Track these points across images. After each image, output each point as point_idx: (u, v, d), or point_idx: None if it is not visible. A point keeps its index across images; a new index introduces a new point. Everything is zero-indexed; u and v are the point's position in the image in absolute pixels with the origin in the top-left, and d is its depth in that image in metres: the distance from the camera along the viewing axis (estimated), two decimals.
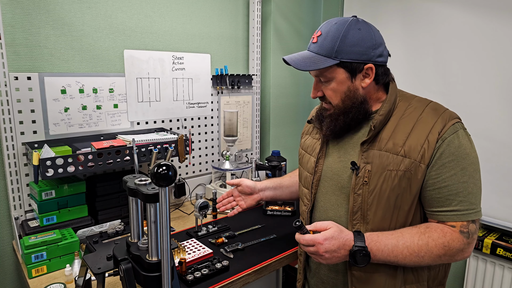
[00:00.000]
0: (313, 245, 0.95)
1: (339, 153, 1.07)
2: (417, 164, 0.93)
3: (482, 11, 1.70)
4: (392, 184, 0.95)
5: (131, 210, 0.87)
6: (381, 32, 1.04)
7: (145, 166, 1.82)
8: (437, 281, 1.05)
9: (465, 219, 0.93)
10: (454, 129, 0.94)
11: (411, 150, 0.94)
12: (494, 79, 1.69)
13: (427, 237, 0.93)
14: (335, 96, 1.02)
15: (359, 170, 0.99)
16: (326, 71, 1.00)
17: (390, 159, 0.96)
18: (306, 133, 1.26)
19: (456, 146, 0.93)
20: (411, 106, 1.01)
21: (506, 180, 1.70)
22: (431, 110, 0.98)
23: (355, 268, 1.01)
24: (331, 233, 0.95)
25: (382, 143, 0.98)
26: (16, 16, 1.41)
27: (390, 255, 0.93)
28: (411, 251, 0.93)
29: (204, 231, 1.51)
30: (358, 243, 0.93)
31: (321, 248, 0.94)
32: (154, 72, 1.52)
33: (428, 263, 0.94)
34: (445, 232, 0.93)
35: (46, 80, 1.47)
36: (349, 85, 1.00)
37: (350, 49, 0.96)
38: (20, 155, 1.43)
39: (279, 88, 2.34)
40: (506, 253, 1.69)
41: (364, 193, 0.98)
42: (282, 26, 2.28)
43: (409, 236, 0.94)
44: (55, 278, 1.22)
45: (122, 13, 1.69)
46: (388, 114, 1.00)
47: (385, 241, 0.94)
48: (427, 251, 0.92)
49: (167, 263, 0.73)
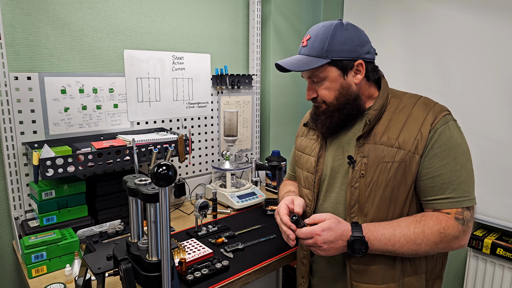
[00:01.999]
0: (311, 237, 0.97)
1: (337, 151, 1.11)
2: (412, 155, 0.97)
3: (481, 11, 1.70)
4: (388, 176, 0.98)
5: (131, 210, 0.87)
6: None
7: (145, 166, 1.82)
8: (435, 274, 1.07)
9: (459, 206, 0.96)
10: (445, 120, 0.98)
11: (405, 142, 0.98)
12: (494, 79, 1.69)
13: (422, 225, 0.95)
14: (329, 94, 1.05)
15: (356, 163, 1.02)
16: (318, 71, 1.04)
17: (385, 151, 0.99)
18: (301, 135, 1.28)
19: (448, 137, 0.97)
20: (402, 102, 1.05)
21: (506, 180, 1.70)
22: (422, 104, 1.03)
23: (353, 260, 1.02)
24: (328, 224, 0.96)
25: (377, 137, 1.02)
26: (16, 16, 1.41)
27: (387, 244, 0.95)
28: (408, 239, 0.94)
29: (204, 231, 1.51)
30: (356, 233, 0.95)
31: (319, 239, 0.95)
32: (154, 72, 1.52)
33: (426, 251, 0.96)
34: (440, 219, 0.95)
35: (46, 80, 1.47)
36: (342, 82, 1.04)
37: (339, 47, 1.01)
38: (20, 155, 1.43)
39: (279, 88, 2.34)
40: (506, 253, 1.69)
41: (361, 186, 1.01)
42: (282, 26, 2.28)
43: (405, 225, 0.96)
44: (55, 278, 1.22)
45: (122, 13, 1.69)
46: (382, 108, 1.04)
47: (382, 230, 0.96)
48: (423, 238, 0.94)
49: (167, 263, 0.73)
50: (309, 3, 2.42)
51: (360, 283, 1.03)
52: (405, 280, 1.02)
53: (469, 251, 1.85)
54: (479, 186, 1.75)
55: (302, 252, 1.21)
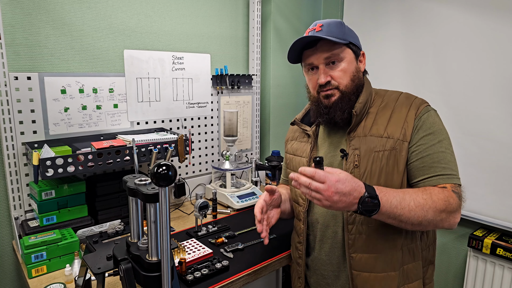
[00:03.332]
0: (323, 183, 0.89)
1: (328, 148, 1.14)
2: (401, 142, 1.03)
3: (481, 12, 1.70)
4: (380, 164, 1.03)
5: (131, 210, 0.87)
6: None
7: (145, 166, 1.82)
8: (428, 260, 1.13)
9: (451, 182, 1.00)
10: (426, 110, 1.06)
11: (394, 131, 1.04)
12: (494, 79, 1.69)
13: (429, 192, 0.97)
14: (345, 76, 1.09)
15: (349, 156, 1.06)
16: (338, 50, 1.07)
17: (375, 142, 1.04)
18: (291, 139, 1.31)
19: (431, 122, 1.04)
20: (386, 97, 1.13)
21: (506, 180, 1.70)
22: (405, 99, 1.10)
23: (353, 249, 1.04)
24: (344, 176, 0.91)
25: (366, 129, 1.07)
26: (16, 16, 1.41)
27: (397, 206, 0.94)
28: (417, 204, 0.95)
29: (204, 231, 1.51)
30: (370, 190, 0.92)
31: (332, 188, 0.88)
32: (154, 72, 1.52)
33: (430, 219, 0.95)
34: (442, 189, 0.99)
35: (46, 80, 1.47)
36: (356, 65, 1.11)
37: (351, 34, 1.10)
38: (20, 155, 1.43)
39: (279, 88, 2.34)
40: (506, 253, 1.69)
41: (356, 176, 1.03)
42: (282, 26, 2.28)
43: (413, 192, 0.98)
44: (55, 278, 1.22)
45: (122, 13, 1.69)
46: (366, 102, 1.09)
47: (393, 193, 0.96)
48: (431, 204, 0.95)
49: (167, 263, 0.73)
50: (309, 3, 2.42)
51: (361, 271, 1.04)
52: (404, 268, 1.05)
53: (469, 251, 1.85)
54: (479, 186, 1.77)
55: (297, 252, 1.21)
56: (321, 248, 1.14)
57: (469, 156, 1.80)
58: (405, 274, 1.06)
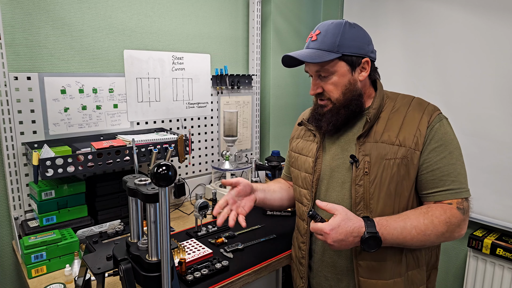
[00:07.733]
0: (321, 234, 0.97)
1: (336, 151, 1.12)
2: (412, 151, 1.01)
3: (481, 12, 1.70)
4: (391, 172, 1.01)
5: (131, 210, 0.87)
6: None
7: (145, 166, 1.82)
8: (431, 265, 1.13)
9: (459, 197, 1.00)
10: (439, 118, 1.04)
11: (405, 139, 1.02)
12: (494, 79, 1.69)
13: (430, 215, 0.98)
14: (336, 89, 1.07)
15: (359, 162, 1.04)
16: (328, 65, 1.05)
17: (387, 149, 1.02)
18: (296, 137, 1.29)
19: (443, 133, 1.03)
20: (397, 102, 1.10)
21: (506, 180, 1.70)
22: (417, 105, 1.08)
23: (361, 257, 1.04)
24: (337, 222, 0.95)
25: (377, 135, 1.05)
26: (16, 16, 1.41)
27: (399, 237, 0.97)
28: (418, 231, 0.96)
29: (204, 231, 1.51)
30: (370, 229, 0.95)
31: (329, 238, 0.96)
32: (154, 72, 1.52)
33: (432, 241, 0.98)
34: (445, 209, 0.99)
35: (46, 80, 1.47)
36: (350, 78, 1.07)
37: (350, 43, 1.04)
38: (20, 155, 1.43)
39: (279, 88, 2.34)
40: (506, 253, 1.69)
41: (366, 183, 1.02)
42: (282, 26, 2.28)
43: (415, 217, 0.98)
44: (54, 278, 1.22)
45: (122, 13, 1.69)
46: (379, 107, 1.07)
47: (394, 224, 0.97)
48: (433, 228, 0.96)
49: (167, 263, 0.73)
50: (309, 3, 2.42)
51: (368, 279, 1.04)
52: (409, 274, 1.06)
53: (469, 251, 1.85)
54: (479, 186, 1.77)
55: (300, 252, 1.21)
56: (325, 250, 1.14)
57: (469, 156, 1.79)
58: (410, 280, 1.06)
